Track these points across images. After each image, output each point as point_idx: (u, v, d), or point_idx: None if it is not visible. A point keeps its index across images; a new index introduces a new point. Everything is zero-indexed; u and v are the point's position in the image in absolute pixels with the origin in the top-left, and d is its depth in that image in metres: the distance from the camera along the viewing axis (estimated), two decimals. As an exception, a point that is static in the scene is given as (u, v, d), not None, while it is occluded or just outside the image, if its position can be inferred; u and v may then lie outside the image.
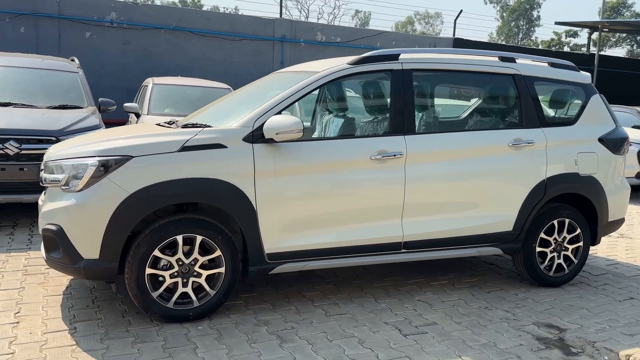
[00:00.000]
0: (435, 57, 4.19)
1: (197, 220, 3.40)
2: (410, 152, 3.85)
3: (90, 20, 11.36)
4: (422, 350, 3.23)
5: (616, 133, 4.63)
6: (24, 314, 3.47)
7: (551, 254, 4.41)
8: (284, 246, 3.60)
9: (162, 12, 12.32)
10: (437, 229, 4.00)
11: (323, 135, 4.49)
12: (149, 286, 3.31)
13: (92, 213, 3.19)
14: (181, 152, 3.34)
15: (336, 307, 3.84)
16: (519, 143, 4.18)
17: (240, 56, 12.35)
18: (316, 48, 13.39)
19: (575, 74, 4.62)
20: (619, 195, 4.67)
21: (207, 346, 3.13)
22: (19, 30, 10.90)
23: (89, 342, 3.12)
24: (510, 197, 4.19)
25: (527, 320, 3.77)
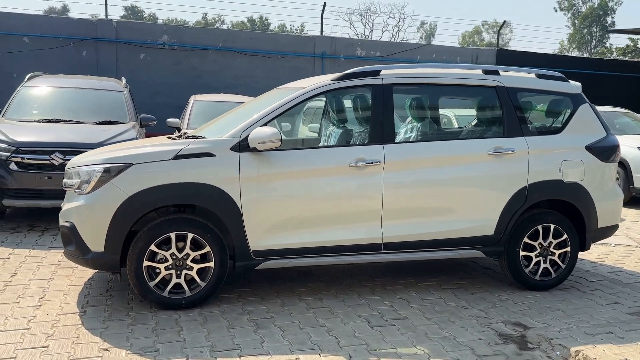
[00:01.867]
0: (416, 72, 4.50)
1: (188, 219, 3.88)
2: (388, 160, 4.16)
3: (144, 43, 12.35)
4: (383, 340, 3.52)
5: (605, 141, 4.72)
6: (47, 299, 4.06)
7: (536, 258, 4.56)
8: (268, 244, 4.01)
9: (210, 33, 13.19)
10: (416, 231, 4.27)
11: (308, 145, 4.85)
12: (147, 277, 3.81)
13: (97, 212, 3.74)
14: (174, 160, 3.83)
15: (319, 301, 4.18)
16: (499, 151, 4.39)
17: (282, 73, 12.95)
18: (356, 63, 13.77)
19: (562, 85, 4.76)
20: (609, 202, 4.75)
21: (190, 329, 3.58)
22: (81, 54, 12.04)
23: (93, 323, 3.64)
24: (491, 203, 4.39)
25: (497, 318, 3.96)
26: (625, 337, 3.64)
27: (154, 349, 3.28)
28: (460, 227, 4.35)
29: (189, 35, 12.70)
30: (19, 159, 6.07)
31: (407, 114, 4.72)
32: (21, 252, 5.27)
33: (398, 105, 4.40)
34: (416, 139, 4.54)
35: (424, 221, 4.29)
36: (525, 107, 4.64)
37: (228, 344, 3.37)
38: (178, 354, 3.23)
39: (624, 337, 3.62)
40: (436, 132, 4.61)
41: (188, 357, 3.20)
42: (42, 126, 6.79)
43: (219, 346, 3.34)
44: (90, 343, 3.34)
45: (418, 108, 4.67)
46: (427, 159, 4.29)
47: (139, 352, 3.23)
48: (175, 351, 3.26)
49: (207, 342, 3.39)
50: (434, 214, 4.31)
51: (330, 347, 3.37)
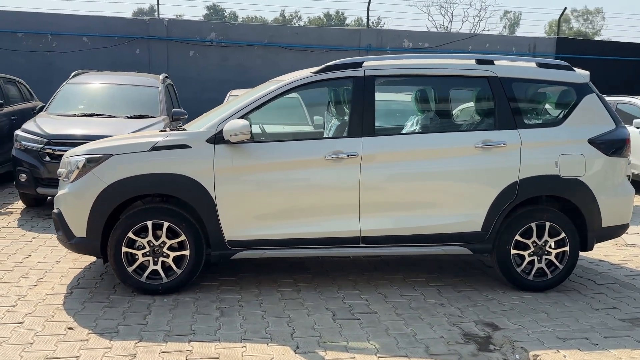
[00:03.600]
0: (401, 63, 4.39)
1: (164, 208, 4.03)
2: (366, 153, 4.10)
3: (194, 41, 12.81)
4: (339, 333, 3.49)
5: (612, 134, 4.38)
6: (44, 279, 4.37)
7: (530, 257, 4.32)
8: (243, 235, 4.08)
9: (256, 30, 13.45)
10: (396, 226, 4.18)
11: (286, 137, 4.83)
12: (125, 262, 4.00)
13: (80, 199, 3.97)
14: (151, 151, 3.99)
15: (296, 293, 4.21)
16: (488, 144, 4.20)
17: (327, 67, 12.97)
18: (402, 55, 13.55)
19: (565, 74, 4.46)
20: (615, 199, 4.41)
21: (158, 314, 3.73)
22: (134, 52, 12.69)
23: (73, 303, 3.88)
24: (477, 198, 4.21)
25: (471, 318, 3.80)
26: (600, 343, 3.39)
27: (115, 330, 3.45)
28: (444, 222, 4.21)
29: (235, 32, 13.03)
30: (50, 151, 6.52)
31: (390, 105, 4.62)
32: (44, 237, 5.66)
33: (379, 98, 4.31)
34: (398, 131, 4.43)
35: (404, 216, 4.19)
36: (520, 98, 4.40)
37: (185, 330, 3.48)
38: (134, 336, 3.38)
39: (598, 344, 3.38)
40: (421, 125, 4.47)
41: (142, 339, 3.34)
42: (75, 120, 7.25)
43: (175, 331, 3.46)
44: (61, 321, 3.57)
45: (404, 100, 4.56)
46: (408, 152, 4.19)
47: (99, 332, 3.41)
48: (132, 333, 3.41)
49: (166, 327, 3.52)
50: (415, 208, 4.20)
51: (282, 338, 3.40)
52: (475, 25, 48.67)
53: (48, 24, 12.34)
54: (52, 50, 12.37)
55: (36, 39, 12.33)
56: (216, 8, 56.08)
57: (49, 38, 12.38)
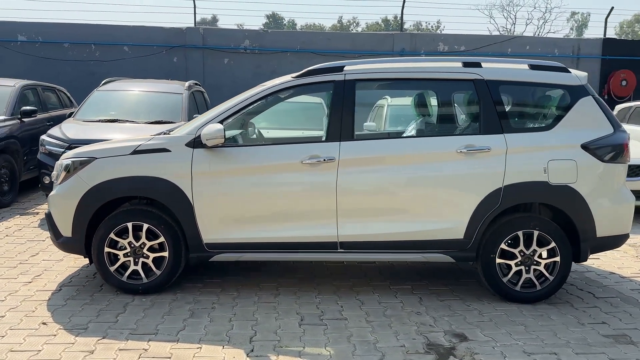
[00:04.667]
0: (382, 67, 4.32)
1: (144, 211, 4.14)
2: (343, 158, 4.07)
3: (228, 49, 13.10)
4: (298, 338, 3.47)
5: (609, 139, 4.13)
6: (41, 277, 4.58)
7: (517, 267, 4.14)
8: (221, 238, 4.13)
9: (289, 36, 13.59)
10: (375, 232, 4.11)
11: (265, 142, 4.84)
12: (108, 262, 4.14)
13: (66, 200, 4.15)
14: (132, 155, 4.12)
15: (272, 297, 4.21)
16: (471, 149, 4.06)
17: (359, 72, 12.93)
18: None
19: (559, 76, 4.25)
20: (612, 208, 4.16)
21: (131, 313, 3.83)
22: (172, 60, 13.11)
23: (57, 299, 4.06)
24: (459, 204, 4.08)
25: (443, 328, 3.68)
26: (567, 360, 3.20)
27: (84, 327, 3.58)
28: (424, 229, 4.10)
29: (268, 39, 13.22)
30: (71, 155, 6.84)
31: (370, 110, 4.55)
32: (57, 236, 5.94)
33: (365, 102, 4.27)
34: (378, 136, 4.36)
35: (383, 221, 4.11)
36: (508, 101, 4.24)
37: (149, 329, 3.56)
38: (99, 333, 3.49)
39: (564, 360, 3.19)
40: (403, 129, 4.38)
41: (105, 336, 3.44)
42: (98, 125, 7.57)
43: (140, 330, 3.55)
44: (39, 317, 3.74)
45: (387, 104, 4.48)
46: (386, 156, 4.11)
47: (69, 328, 3.55)
48: (99, 330, 3.52)
49: (133, 326, 3.61)
50: (394, 214, 4.11)
51: (240, 341, 3.42)
52: (540, 28, 46.82)
53: (92, 35, 12.97)
54: (95, 59, 12.99)
55: (81, 48, 12.98)
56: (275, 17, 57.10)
57: (93, 48, 13.01)
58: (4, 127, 7.76)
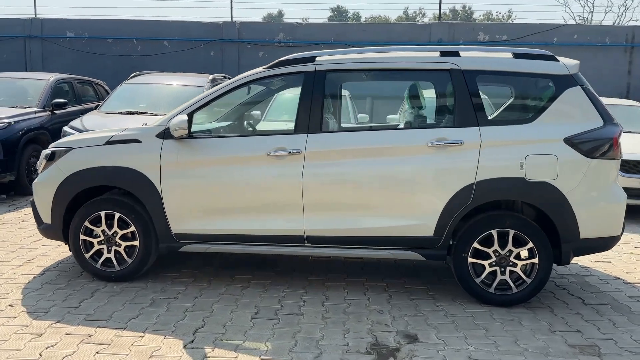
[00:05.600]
0: (354, 57, 4.18)
1: (117, 200, 4.24)
2: (309, 150, 3.98)
3: (263, 42, 13.20)
4: (243, 332, 3.43)
5: (595, 133, 3.81)
6: (34, 261, 4.79)
7: (491, 267, 3.92)
8: (189, 228, 4.16)
9: (323, 29, 13.50)
10: (342, 226, 4.01)
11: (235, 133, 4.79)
12: (83, 249, 4.27)
13: (45, 189, 4.31)
14: (106, 145, 4.22)
15: (239, 289, 4.20)
16: (442, 143, 3.87)
17: (394, 64, 12.66)
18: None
19: (544, 65, 3.96)
20: (598, 207, 3.84)
21: (97, 299, 3.93)
22: (209, 54, 13.37)
23: (35, 283, 4.23)
24: (429, 200, 3.90)
25: (397, 328, 3.54)
26: (512, 368, 2.98)
27: (45, 311, 3.71)
28: (392, 225, 3.95)
29: (302, 32, 13.20)
30: (87, 145, 7.12)
31: (341, 101, 4.41)
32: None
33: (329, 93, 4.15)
34: (347, 128, 4.22)
35: (350, 216, 4.00)
36: (486, 92, 4.01)
37: (104, 315, 3.64)
38: (56, 317, 3.60)
39: (509, 369, 2.97)
40: (374, 121, 4.22)
41: (60, 320, 3.55)
42: (117, 117, 7.83)
43: (95, 316, 3.64)
44: (10, 299, 3.90)
45: (359, 96, 4.34)
46: (355, 150, 3.99)
47: (30, 312, 3.69)
48: (57, 314, 3.64)
49: (91, 311, 3.71)
50: (362, 209, 3.98)
51: (184, 331, 3.43)
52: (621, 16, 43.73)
53: (134, 30, 13.44)
54: (137, 54, 13.46)
55: (123, 43, 13.49)
56: (340, 10, 56.95)
57: (134, 43, 13.48)
58: (35, 118, 8.19)
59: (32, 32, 13.50)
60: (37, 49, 13.55)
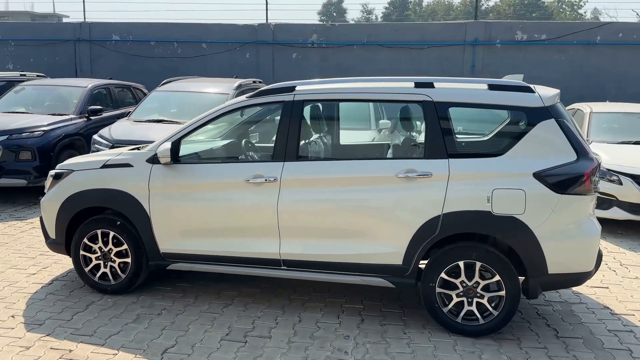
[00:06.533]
0: (332, 87, 4.29)
1: (111, 220, 4.57)
2: (285, 178, 4.16)
3: (296, 43, 13.38)
4: (207, 355, 3.66)
5: (565, 168, 3.77)
6: (47, 270, 5.23)
7: (458, 298, 3.97)
8: (175, 248, 4.45)
9: (355, 29, 13.51)
10: (315, 252, 4.17)
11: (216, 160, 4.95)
12: (83, 263, 4.65)
13: (50, 207, 4.71)
14: (102, 169, 4.56)
15: (220, 308, 4.43)
16: (411, 174, 3.94)
17: (427, 64, 12.53)
18: (515, 49, 12.43)
19: (518, 96, 3.93)
20: (567, 243, 3.81)
21: (89, 312, 4.28)
22: (245, 56, 13.70)
23: (40, 294, 4.65)
24: (397, 230, 3.99)
25: (353, 356, 3.67)
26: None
27: (40, 323, 4.09)
28: (363, 252, 4.07)
29: (335, 33, 13.27)
30: (113, 154, 7.59)
31: (317, 130, 4.53)
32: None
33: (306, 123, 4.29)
34: (320, 157, 4.35)
35: (322, 242, 4.15)
36: (458, 124, 4.02)
37: (89, 330, 3.98)
38: (47, 330, 3.97)
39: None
40: (345, 151, 4.33)
41: (50, 334, 3.91)
42: (143, 126, 8.26)
43: (81, 330, 3.98)
44: (15, 309, 4.33)
45: (331, 124, 4.45)
46: (327, 179, 4.12)
47: (28, 323, 4.08)
48: (50, 327, 4.01)
49: (79, 325, 4.06)
50: (334, 236, 4.12)
51: (154, 351, 3.70)
52: None
53: (175, 33, 13.96)
54: (177, 56, 13.98)
55: (165, 46, 14.04)
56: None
57: (175, 45, 14.00)
58: (71, 124, 8.77)
59: (81, 36, 14.30)
60: (85, 51, 14.34)
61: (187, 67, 13.70)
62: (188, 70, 13.53)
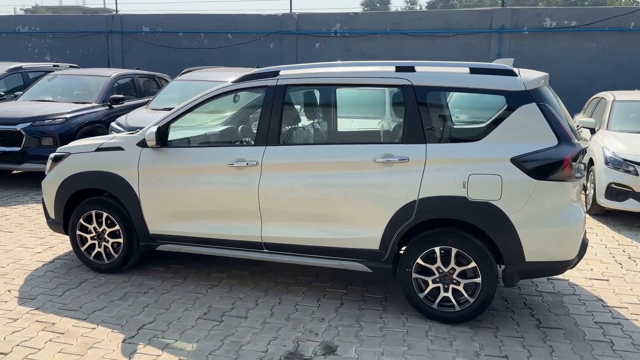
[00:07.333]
0: (314, 72, 4.29)
1: (103, 201, 4.74)
2: (265, 162, 4.21)
3: (320, 33, 13.37)
4: (181, 332, 3.76)
5: (544, 153, 3.66)
6: (53, 250, 5.48)
7: (434, 284, 3.94)
8: (163, 230, 4.57)
9: (379, 18, 13.37)
10: (294, 235, 4.20)
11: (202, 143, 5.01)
12: (79, 242, 4.85)
13: (49, 189, 4.92)
14: (96, 152, 4.72)
15: (205, 288, 4.54)
16: (388, 159, 3.92)
17: (452, 52, 12.29)
18: (543, 36, 12.03)
19: (499, 80, 3.83)
20: (547, 231, 3.71)
21: (81, 289, 4.47)
22: (269, 46, 13.80)
23: (40, 271, 4.87)
24: (374, 215, 3.98)
25: (323, 338, 3.70)
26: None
27: (33, 297, 4.30)
28: (341, 237, 4.09)
29: (358, 22, 13.18)
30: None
31: (300, 115, 4.53)
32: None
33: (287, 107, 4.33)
34: (302, 141, 4.36)
35: (301, 226, 4.18)
36: (437, 109, 3.97)
37: (75, 306, 4.15)
38: (37, 304, 4.17)
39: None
40: (327, 135, 4.32)
41: (39, 308, 4.11)
42: (159, 114, 8.44)
43: (69, 305, 4.16)
44: (13, 284, 4.55)
45: (313, 109, 4.45)
46: (306, 163, 4.14)
47: (21, 297, 4.30)
48: (40, 302, 4.21)
49: (68, 301, 4.24)
50: (312, 220, 4.15)
51: (131, 326, 3.83)
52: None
53: (201, 24, 14.20)
54: (204, 47, 14.22)
55: (192, 37, 14.30)
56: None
57: (202, 36, 14.24)
58: (92, 112, 9.09)
59: (113, 28, 14.73)
60: (117, 43, 14.77)
61: (213, 57, 13.91)
62: (214, 60, 13.74)
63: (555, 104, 3.93)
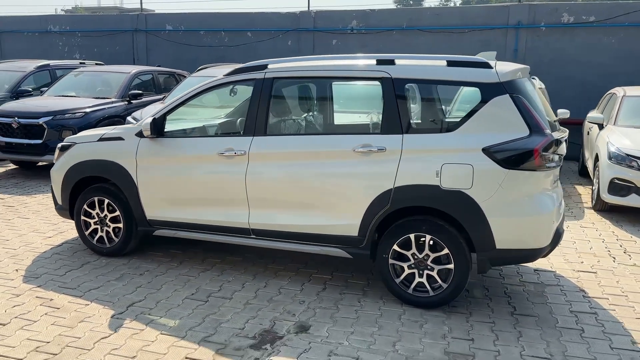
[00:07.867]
0: (300, 65, 4.47)
1: (106, 188, 5.03)
2: (252, 151, 4.42)
3: (336, 30, 13.50)
4: (166, 310, 4.00)
5: (514, 143, 3.76)
6: (64, 233, 5.82)
7: (410, 270, 4.07)
8: (160, 215, 4.83)
9: (395, 14, 13.39)
10: (279, 222, 4.40)
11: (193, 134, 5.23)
12: (83, 227, 5.16)
13: (57, 176, 5.24)
14: (98, 142, 5.02)
15: (197, 272, 4.77)
16: (366, 149, 4.07)
17: (468, 48, 12.22)
18: (561, 32, 11.86)
19: (474, 72, 3.94)
20: (516, 219, 3.80)
21: (82, 270, 4.77)
22: (287, 43, 14.00)
23: (47, 253, 5.20)
24: (353, 203, 4.14)
25: (298, 318, 3.88)
26: None
27: (37, 276, 4.61)
28: (323, 223, 4.26)
29: (374, 18, 13.25)
30: (141, 134, 8.16)
31: (285, 106, 4.71)
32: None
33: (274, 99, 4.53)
34: (286, 132, 4.54)
35: (286, 213, 4.37)
36: (414, 101, 4.10)
37: (74, 285, 4.45)
38: (39, 282, 4.48)
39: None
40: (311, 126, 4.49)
41: (40, 285, 4.42)
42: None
43: (68, 284, 4.46)
44: (20, 265, 4.89)
45: (298, 101, 4.62)
46: (290, 152, 4.33)
47: (26, 276, 4.62)
48: (42, 280, 4.52)
49: (68, 280, 4.54)
50: (296, 207, 4.33)
51: (121, 304, 4.09)
52: None
53: (222, 22, 14.50)
54: (225, 45, 14.52)
55: (213, 35, 14.62)
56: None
57: (222, 34, 14.54)
58: (112, 107, 9.48)
59: (138, 26, 15.19)
60: (142, 41, 15.22)
61: (233, 55, 14.19)
62: (234, 58, 14.02)
63: (531, 96, 4.01)
